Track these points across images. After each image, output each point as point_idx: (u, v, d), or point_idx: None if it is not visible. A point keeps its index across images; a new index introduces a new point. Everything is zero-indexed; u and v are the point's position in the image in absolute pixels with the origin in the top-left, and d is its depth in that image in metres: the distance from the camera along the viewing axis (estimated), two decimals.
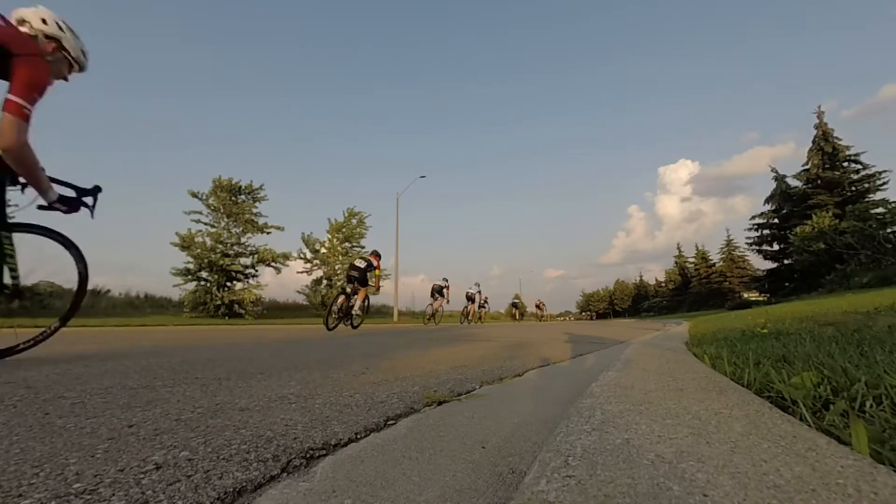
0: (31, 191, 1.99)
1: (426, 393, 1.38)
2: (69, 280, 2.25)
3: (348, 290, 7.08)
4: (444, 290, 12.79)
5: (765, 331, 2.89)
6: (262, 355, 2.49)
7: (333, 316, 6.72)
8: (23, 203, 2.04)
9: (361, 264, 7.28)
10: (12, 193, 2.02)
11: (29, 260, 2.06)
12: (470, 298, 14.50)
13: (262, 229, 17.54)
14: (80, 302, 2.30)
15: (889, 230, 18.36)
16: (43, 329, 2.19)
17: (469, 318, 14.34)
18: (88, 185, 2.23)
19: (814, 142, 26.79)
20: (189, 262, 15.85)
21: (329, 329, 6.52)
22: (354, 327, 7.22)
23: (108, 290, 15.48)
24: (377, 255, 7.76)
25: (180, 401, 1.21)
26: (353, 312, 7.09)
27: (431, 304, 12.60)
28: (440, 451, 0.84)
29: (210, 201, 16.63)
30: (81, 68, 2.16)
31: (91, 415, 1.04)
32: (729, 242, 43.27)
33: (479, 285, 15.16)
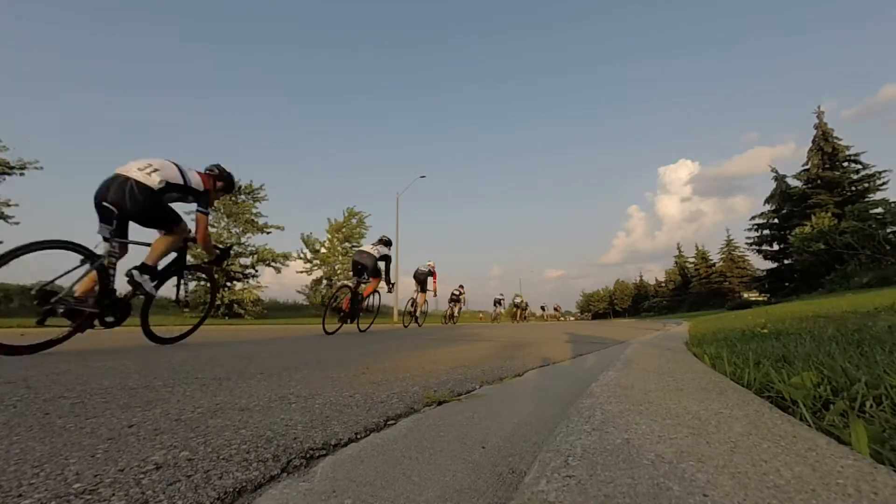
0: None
1: (426, 393, 1.38)
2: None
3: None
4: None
5: (765, 331, 2.89)
6: (263, 355, 2.48)
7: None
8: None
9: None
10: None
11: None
12: (517, 305, 21.21)
13: (262, 229, 17.57)
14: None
15: (889, 230, 18.36)
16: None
17: (517, 319, 20.69)
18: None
19: (814, 142, 26.80)
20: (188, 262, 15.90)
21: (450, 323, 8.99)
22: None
23: None
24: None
25: (180, 401, 1.21)
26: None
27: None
28: (440, 451, 0.84)
29: None
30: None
31: (91, 415, 1.04)
32: (729, 242, 43.28)
33: (521, 296, 22.24)
